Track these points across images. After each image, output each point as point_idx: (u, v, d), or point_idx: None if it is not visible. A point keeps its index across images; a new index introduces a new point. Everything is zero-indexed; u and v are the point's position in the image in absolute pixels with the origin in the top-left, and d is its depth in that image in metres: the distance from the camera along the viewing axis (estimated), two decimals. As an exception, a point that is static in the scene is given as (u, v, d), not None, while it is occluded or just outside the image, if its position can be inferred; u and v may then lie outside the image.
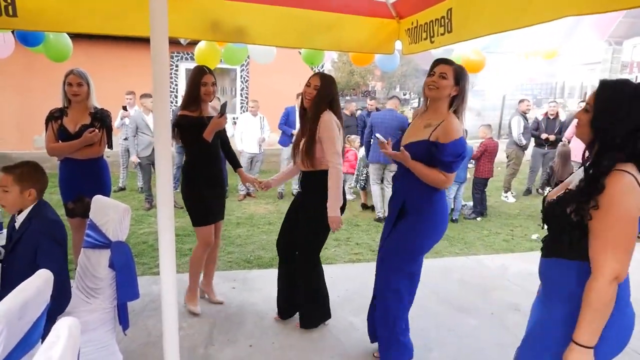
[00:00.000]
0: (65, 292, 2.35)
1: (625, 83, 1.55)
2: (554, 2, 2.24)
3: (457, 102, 2.62)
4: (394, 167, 6.50)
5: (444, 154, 2.51)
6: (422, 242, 2.72)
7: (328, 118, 3.07)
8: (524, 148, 8.28)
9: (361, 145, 7.88)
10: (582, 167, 1.61)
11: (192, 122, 3.30)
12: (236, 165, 3.79)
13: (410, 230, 2.68)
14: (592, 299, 1.48)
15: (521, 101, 8.40)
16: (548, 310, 1.69)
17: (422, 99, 2.88)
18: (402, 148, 2.61)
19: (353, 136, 8.16)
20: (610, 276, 1.46)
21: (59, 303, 2.22)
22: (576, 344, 1.50)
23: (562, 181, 1.73)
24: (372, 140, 6.62)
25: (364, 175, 7.38)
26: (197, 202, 3.41)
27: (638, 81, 1.57)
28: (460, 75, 2.60)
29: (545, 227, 1.73)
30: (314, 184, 3.13)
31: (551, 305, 1.68)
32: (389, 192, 6.42)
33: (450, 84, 2.58)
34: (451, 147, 2.51)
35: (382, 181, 6.84)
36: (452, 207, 6.86)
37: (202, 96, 3.35)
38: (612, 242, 1.47)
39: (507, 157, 8.40)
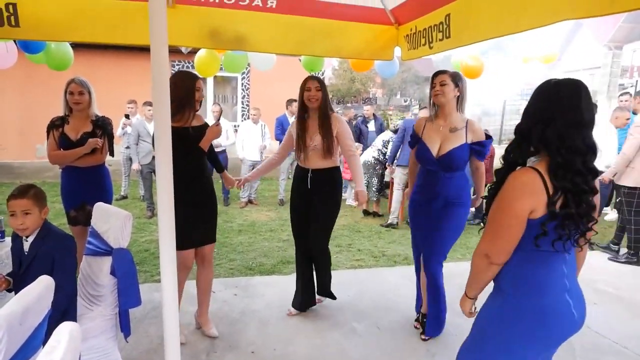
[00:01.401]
0: (75, 304, 2.40)
1: (545, 82, 1.65)
2: (551, 5, 2.26)
3: (460, 101, 3.13)
4: None
5: (486, 148, 3.12)
6: (464, 223, 3.32)
7: (341, 117, 3.60)
8: None
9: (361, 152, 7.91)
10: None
11: (177, 134, 2.51)
12: (220, 168, 3.58)
13: (461, 214, 3.22)
14: (471, 265, 1.77)
15: None
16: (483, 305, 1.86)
17: (431, 108, 3.26)
18: (477, 197, 3.36)
19: (356, 144, 8.16)
20: (482, 252, 1.67)
21: (68, 313, 2.25)
22: (465, 294, 1.86)
23: None
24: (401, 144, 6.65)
25: (365, 182, 7.38)
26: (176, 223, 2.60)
27: (566, 78, 1.62)
28: (456, 78, 3.10)
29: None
30: (326, 180, 3.52)
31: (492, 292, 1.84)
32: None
33: (451, 87, 3.07)
34: (489, 142, 3.16)
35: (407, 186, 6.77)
36: None
37: (194, 104, 3.09)
38: (491, 229, 1.65)
39: None
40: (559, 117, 1.55)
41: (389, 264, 4.98)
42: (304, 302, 3.73)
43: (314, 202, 3.54)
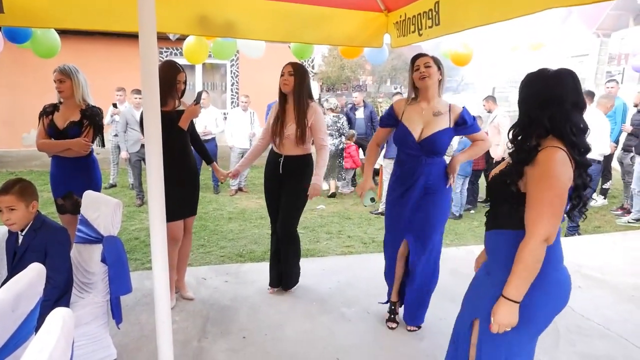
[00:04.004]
0: (68, 295, 2.43)
1: (538, 70, 1.79)
2: (540, -7, 2.27)
3: (441, 85, 3.03)
4: None
5: (468, 117, 3.03)
6: (448, 211, 3.27)
7: (319, 108, 3.61)
8: None
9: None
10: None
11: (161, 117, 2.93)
12: (209, 160, 3.85)
13: (444, 201, 3.14)
14: (524, 257, 1.65)
15: None
16: (488, 276, 1.87)
17: (411, 91, 3.08)
18: (451, 163, 3.10)
19: (352, 131, 8.21)
20: (542, 237, 1.64)
21: (60, 303, 2.28)
22: (505, 298, 1.69)
23: None
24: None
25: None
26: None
27: (560, 68, 1.77)
28: (438, 62, 3.00)
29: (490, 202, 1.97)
30: (298, 167, 3.60)
31: (491, 272, 1.86)
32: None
33: (435, 70, 2.96)
34: (465, 111, 3.05)
35: None
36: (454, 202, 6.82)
37: (175, 94, 3.35)
38: (546, 209, 1.64)
39: None
40: (565, 101, 1.70)
41: (378, 250, 5.02)
42: (277, 276, 3.85)
43: (285, 187, 3.64)
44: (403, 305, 3.39)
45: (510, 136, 1.83)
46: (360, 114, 8.67)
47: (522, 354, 1.84)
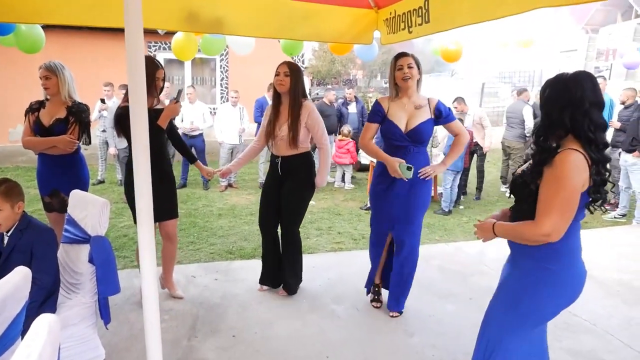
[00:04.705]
0: (55, 296, 2.40)
1: (557, 75, 1.90)
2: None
3: (419, 83, 3.23)
4: None
5: (443, 108, 3.26)
6: (428, 200, 3.42)
7: (313, 106, 3.53)
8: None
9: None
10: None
11: None
12: (192, 159, 3.77)
13: (425, 191, 3.33)
14: (519, 232, 1.87)
15: (524, 90, 8.01)
16: (513, 269, 2.04)
17: (393, 88, 3.27)
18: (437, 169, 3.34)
19: (347, 127, 8.22)
20: (545, 232, 1.76)
21: (47, 305, 2.27)
22: (494, 232, 1.96)
23: None
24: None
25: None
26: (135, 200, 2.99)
27: (576, 71, 1.88)
28: (418, 61, 3.19)
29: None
30: (296, 166, 3.55)
31: (515, 264, 2.03)
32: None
33: (416, 70, 3.17)
34: (440, 103, 3.27)
35: None
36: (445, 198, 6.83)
37: (153, 91, 3.24)
38: (555, 209, 1.75)
39: (509, 148, 7.89)
40: (585, 100, 1.78)
41: (368, 247, 5.03)
42: (267, 277, 3.83)
43: (284, 187, 3.59)
44: (388, 291, 3.53)
45: (534, 138, 1.92)
46: (352, 108, 8.73)
47: (521, 340, 1.99)
